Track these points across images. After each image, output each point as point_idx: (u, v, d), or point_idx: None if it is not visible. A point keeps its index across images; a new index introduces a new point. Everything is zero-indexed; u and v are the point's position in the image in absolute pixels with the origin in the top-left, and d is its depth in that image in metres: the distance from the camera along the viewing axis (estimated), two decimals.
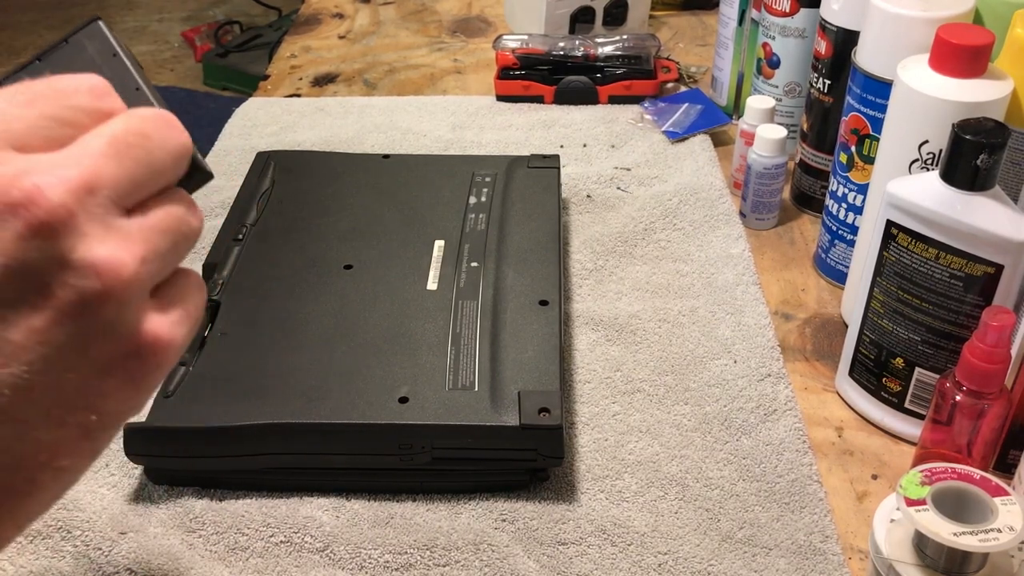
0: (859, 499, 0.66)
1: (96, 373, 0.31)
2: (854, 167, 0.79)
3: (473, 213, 0.82)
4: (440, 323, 0.70)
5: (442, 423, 0.62)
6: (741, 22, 1.02)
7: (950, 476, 0.53)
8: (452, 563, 0.61)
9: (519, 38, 1.13)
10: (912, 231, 0.63)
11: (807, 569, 0.60)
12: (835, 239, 0.83)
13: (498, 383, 0.65)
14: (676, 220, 0.90)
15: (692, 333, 0.78)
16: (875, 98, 0.74)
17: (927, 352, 0.66)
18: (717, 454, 0.68)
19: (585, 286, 0.83)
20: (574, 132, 1.05)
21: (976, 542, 0.50)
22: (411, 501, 0.65)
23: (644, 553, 0.61)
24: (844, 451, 0.70)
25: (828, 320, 0.81)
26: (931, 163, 0.68)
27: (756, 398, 0.72)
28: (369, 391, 0.65)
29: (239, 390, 0.65)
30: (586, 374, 0.75)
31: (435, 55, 1.25)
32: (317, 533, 0.62)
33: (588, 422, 0.71)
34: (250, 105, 1.12)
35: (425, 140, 1.04)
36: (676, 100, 1.08)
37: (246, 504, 0.64)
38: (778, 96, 0.96)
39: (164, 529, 0.63)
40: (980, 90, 0.65)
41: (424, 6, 1.38)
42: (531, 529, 0.63)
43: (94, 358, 0.30)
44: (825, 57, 0.85)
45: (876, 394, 0.70)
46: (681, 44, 1.26)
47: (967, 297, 0.63)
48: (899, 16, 0.72)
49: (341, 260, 0.77)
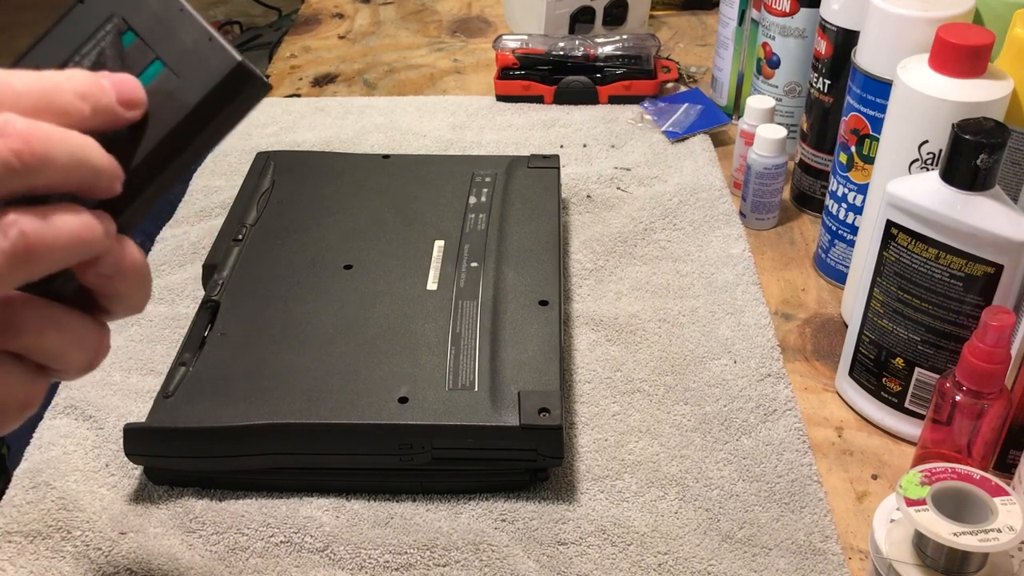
0: (859, 499, 0.66)
1: None
2: (854, 167, 0.79)
3: (473, 213, 0.82)
4: (440, 323, 0.70)
5: (442, 423, 0.62)
6: (741, 22, 1.02)
7: (950, 476, 0.53)
8: (452, 563, 0.61)
9: (519, 38, 1.13)
10: (912, 231, 0.63)
11: (807, 569, 0.60)
12: (835, 239, 0.83)
13: (498, 383, 0.65)
14: (676, 220, 0.90)
15: (692, 333, 0.78)
16: (875, 98, 0.74)
17: (927, 352, 0.66)
18: (717, 454, 0.68)
19: (585, 286, 0.83)
20: (574, 132, 1.05)
21: (976, 542, 0.50)
22: (411, 501, 0.65)
23: (644, 553, 0.61)
24: (844, 451, 0.70)
25: (828, 320, 0.81)
26: (931, 163, 0.68)
27: (756, 398, 0.72)
28: (369, 391, 0.65)
29: (239, 390, 0.65)
30: (586, 374, 0.75)
31: (435, 55, 1.25)
32: (317, 533, 0.62)
33: (588, 422, 0.71)
34: None
35: (425, 140, 1.04)
36: (676, 100, 1.08)
37: (246, 504, 0.64)
38: (778, 96, 0.96)
39: (164, 529, 0.63)
40: (980, 90, 0.65)
41: (424, 6, 1.38)
42: (531, 529, 0.63)
43: None
44: (825, 57, 0.85)
45: (876, 394, 0.70)
46: (681, 44, 1.26)
47: (967, 297, 0.63)
48: (899, 16, 0.72)
49: (341, 260, 0.77)
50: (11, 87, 0.32)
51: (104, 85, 0.34)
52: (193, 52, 0.35)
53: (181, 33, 0.35)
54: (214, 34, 0.35)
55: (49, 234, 0.31)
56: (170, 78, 0.35)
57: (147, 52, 0.36)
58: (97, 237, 0.32)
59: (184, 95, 0.35)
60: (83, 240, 0.32)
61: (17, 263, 0.30)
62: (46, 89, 0.32)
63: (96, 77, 0.34)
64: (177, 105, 0.35)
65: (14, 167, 0.30)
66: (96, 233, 0.32)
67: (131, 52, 0.36)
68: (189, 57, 0.35)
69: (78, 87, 0.33)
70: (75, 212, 0.32)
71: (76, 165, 0.31)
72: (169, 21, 0.36)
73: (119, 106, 0.34)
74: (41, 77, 0.33)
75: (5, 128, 0.30)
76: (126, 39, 0.36)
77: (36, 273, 0.31)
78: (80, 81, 0.33)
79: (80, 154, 0.32)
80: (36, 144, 0.30)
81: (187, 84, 0.35)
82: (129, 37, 0.36)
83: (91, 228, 0.32)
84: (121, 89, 0.34)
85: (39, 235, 0.30)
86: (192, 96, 0.35)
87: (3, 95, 0.32)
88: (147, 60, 0.35)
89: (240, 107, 0.36)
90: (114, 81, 0.34)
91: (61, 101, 0.32)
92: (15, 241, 0.30)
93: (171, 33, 0.35)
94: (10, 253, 0.30)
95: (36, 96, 0.32)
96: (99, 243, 0.32)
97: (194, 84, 0.35)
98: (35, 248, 0.30)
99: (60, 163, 0.31)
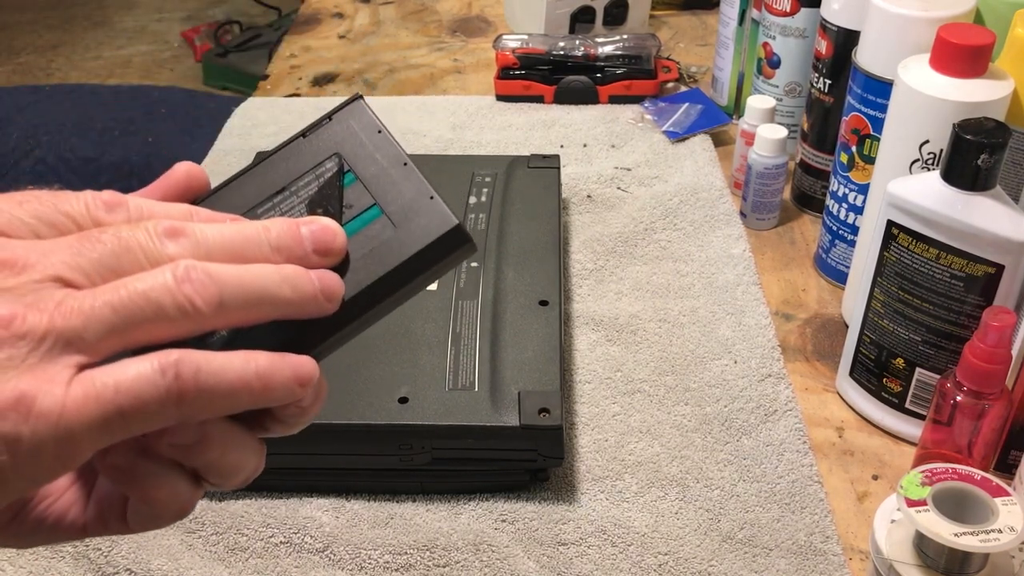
0: (859, 499, 0.66)
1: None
2: (855, 167, 0.79)
3: (473, 213, 0.82)
4: (440, 323, 0.70)
5: (442, 423, 0.62)
6: (741, 22, 1.02)
7: (951, 476, 0.53)
8: (452, 563, 0.61)
9: (519, 38, 1.12)
10: (913, 231, 0.63)
11: (807, 569, 0.60)
12: (835, 239, 0.83)
13: (498, 383, 0.65)
14: (676, 220, 0.90)
15: (692, 333, 0.78)
16: (876, 98, 0.74)
17: (928, 352, 0.66)
18: (717, 454, 0.68)
19: (585, 286, 0.83)
20: (574, 132, 1.04)
21: (977, 542, 0.50)
22: (411, 501, 0.65)
23: (644, 554, 0.61)
24: (844, 451, 0.69)
25: (828, 320, 0.81)
26: (932, 163, 0.68)
27: (756, 398, 0.72)
28: (369, 391, 0.65)
29: None
30: (586, 374, 0.74)
31: (435, 55, 1.25)
32: (317, 533, 0.62)
33: (588, 422, 0.70)
34: (250, 105, 1.12)
35: (425, 140, 1.04)
36: (676, 100, 1.08)
37: (246, 504, 0.64)
38: (778, 96, 0.96)
39: (164, 529, 0.63)
40: (981, 90, 0.65)
41: (424, 6, 1.38)
42: (531, 530, 0.63)
43: None
44: (826, 57, 0.85)
45: (877, 394, 0.70)
46: (681, 44, 1.26)
47: (968, 297, 0.62)
48: (900, 16, 0.72)
49: None
50: (207, 240, 0.31)
51: (301, 235, 0.33)
52: (412, 206, 0.35)
53: (402, 186, 0.36)
54: (434, 193, 0.35)
55: (210, 379, 0.30)
56: (386, 227, 0.35)
57: (366, 196, 0.36)
58: (284, 385, 0.31)
59: (398, 246, 0.35)
60: (252, 389, 0.31)
61: (171, 403, 0.29)
62: (240, 243, 0.32)
63: (295, 226, 0.33)
64: (389, 255, 0.35)
65: (187, 311, 0.30)
66: (281, 381, 0.31)
67: (350, 193, 0.36)
68: (408, 210, 0.35)
69: (273, 239, 0.32)
70: (246, 358, 0.31)
71: (255, 303, 0.31)
72: (392, 172, 0.36)
73: (313, 254, 0.33)
74: (237, 231, 0.32)
75: (188, 274, 0.30)
76: (347, 179, 0.37)
77: (208, 411, 0.30)
78: (277, 235, 0.32)
79: (258, 292, 0.31)
80: (210, 290, 0.30)
81: (403, 236, 0.35)
82: (350, 178, 0.37)
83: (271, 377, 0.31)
84: (319, 237, 0.33)
85: (197, 378, 0.30)
86: (407, 249, 0.35)
87: (196, 249, 0.31)
88: (366, 204, 0.36)
89: (448, 264, 0.36)
90: (314, 229, 0.33)
91: (254, 255, 0.32)
92: (170, 383, 0.29)
93: (393, 184, 0.36)
94: (164, 391, 0.29)
95: (229, 251, 0.32)
96: (286, 391, 0.31)
97: (410, 237, 0.35)
98: (191, 391, 0.29)
99: (235, 304, 0.30)
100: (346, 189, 0.36)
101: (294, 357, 0.32)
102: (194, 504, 0.33)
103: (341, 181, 0.37)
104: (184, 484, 0.32)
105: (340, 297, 0.33)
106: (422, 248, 0.35)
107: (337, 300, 0.33)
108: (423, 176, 0.36)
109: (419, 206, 0.35)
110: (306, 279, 0.32)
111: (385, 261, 0.35)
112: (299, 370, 0.32)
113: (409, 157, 0.36)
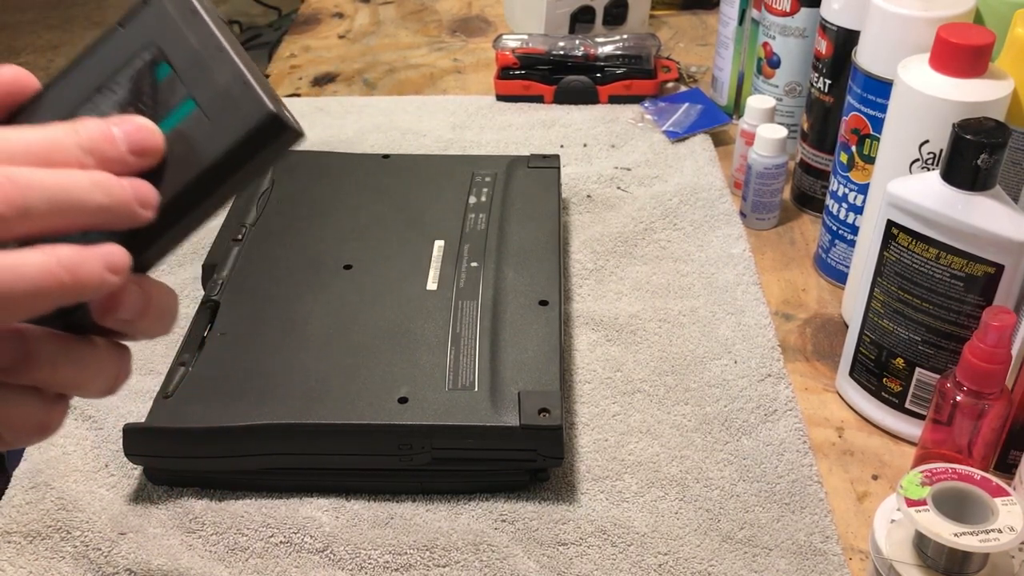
0: (859, 499, 0.66)
1: None
2: (854, 167, 0.79)
3: (473, 213, 0.82)
4: (440, 323, 0.70)
5: (442, 423, 0.62)
6: (741, 22, 1.02)
7: (951, 476, 0.53)
8: (452, 563, 0.61)
9: (519, 38, 1.12)
10: (912, 231, 0.63)
11: (807, 569, 0.60)
12: (835, 239, 0.83)
13: (498, 383, 0.65)
14: (676, 220, 0.90)
15: (692, 333, 0.78)
16: (875, 98, 0.74)
17: (928, 352, 0.66)
18: (717, 454, 0.68)
19: (585, 286, 0.83)
20: (574, 132, 1.04)
21: (977, 542, 0.50)
22: (411, 501, 0.65)
23: (644, 554, 0.61)
24: (844, 451, 0.69)
25: (828, 320, 0.81)
26: (931, 163, 0.68)
27: (756, 398, 0.72)
28: (369, 391, 0.65)
29: (239, 390, 0.65)
30: (586, 374, 0.74)
31: (435, 55, 1.25)
32: (317, 533, 0.62)
33: (588, 422, 0.70)
34: None
35: (425, 140, 1.04)
36: (676, 100, 1.08)
37: (246, 504, 0.64)
38: (778, 96, 0.96)
39: (164, 530, 0.63)
40: (980, 90, 0.65)
41: (424, 6, 1.38)
42: (531, 529, 0.63)
43: None
44: (825, 57, 0.85)
45: (876, 394, 0.70)
46: (681, 44, 1.26)
47: (968, 297, 0.62)
48: (899, 16, 0.72)
49: (341, 260, 0.77)
50: (8, 145, 0.31)
51: (114, 136, 0.32)
52: (226, 95, 0.33)
53: (217, 73, 0.33)
54: (249, 78, 0.33)
55: (6, 274, 0.29)
56: (201, 120, 0.33)
57: (180, 89, 0.34)
58: (92, 273, 0.30)
59: (212, 141, 0.33)
60: (60, 281, 0.30)
61: None
62: (45, 148, 0.31)
63: (107, 127, 0.32)
64: (204, 151, 0.33)
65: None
66: (89, 270, 0.30)
67: (164, 87, 0.34)
68: (222, 100, 0.33)
69: (84, 141, 0.32)
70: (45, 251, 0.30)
71: (63, 208, 0.30)
72: (207, 58, 0.33)
73: (130, 155, 0.32)
74: (43, 135, 0.31)
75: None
76: (161, 71, 0.34)
77: (16, 313, 0.30)
78: (87, 134, 0.32)
79: (65, 196, 0.30)
80: (12, 194, 0.29)
81: (217, 129, 0.33)
82: (164, 69, 0.34)
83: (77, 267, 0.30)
84: (134, 139, 0.32)
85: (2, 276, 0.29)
86: (220, 143, 0.33)
87: None
88: (180, 98, 0.33)
89: (269, 156, 0.34)
90: (128, 130, 0.32)
91: (62, 158, 0.31)
92: None
93: (207, 72, 0.33)
94: None
95: (34, 155, 0.31)
96: (96, 279, 0.31)
97: (224, 130, 0.33)
98: None
99: (41, 209, 0.30)
100: (161, 82, 0.34)
101: (102, 245, 0.31)
102: (58, 420, 0.33)
103: (155, 73, 0.34)
104: (34, 403, 0.32)
105: (155, 204, 0.32)
106: (235, 142, 0.32)
107: (152, 207, 0.32)
108: (241, 60, 0.33)
109: (234, 95, 0.33)
110: (118, 185, 0.31)
111: (200, 159, 0.33)
112: (108, 257, 0.31)
113: (229, 39, 0.34)
